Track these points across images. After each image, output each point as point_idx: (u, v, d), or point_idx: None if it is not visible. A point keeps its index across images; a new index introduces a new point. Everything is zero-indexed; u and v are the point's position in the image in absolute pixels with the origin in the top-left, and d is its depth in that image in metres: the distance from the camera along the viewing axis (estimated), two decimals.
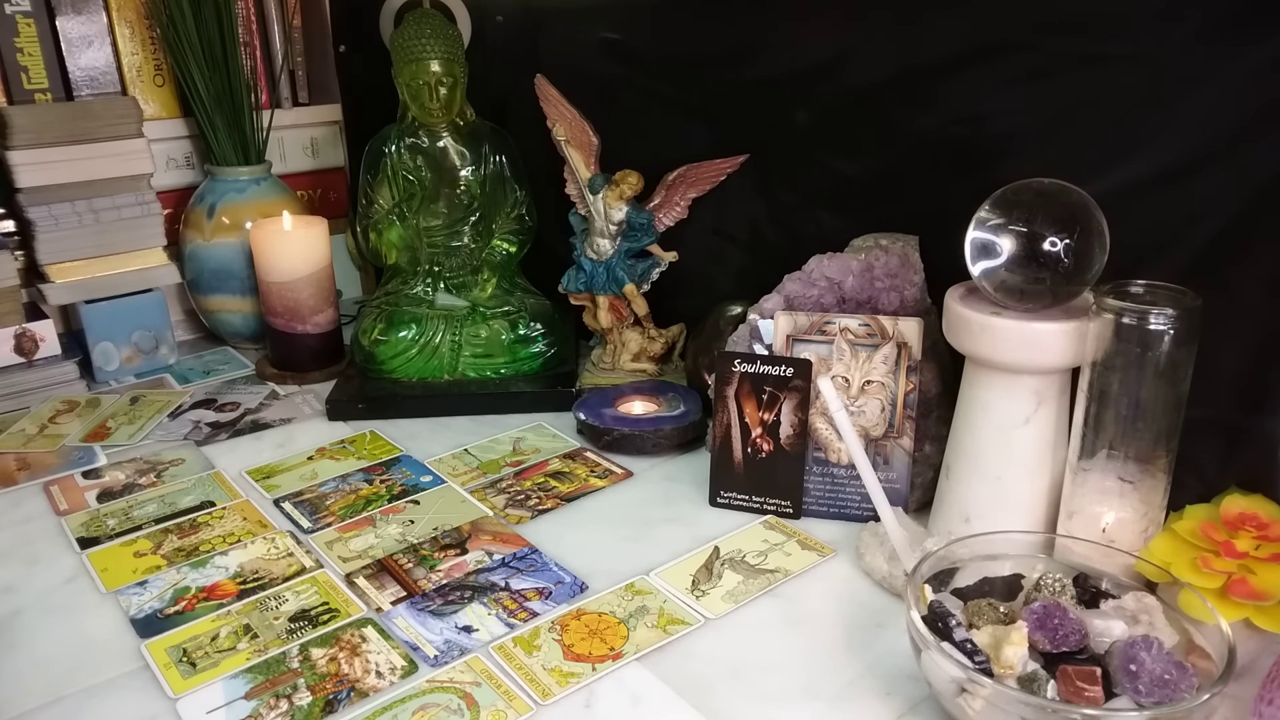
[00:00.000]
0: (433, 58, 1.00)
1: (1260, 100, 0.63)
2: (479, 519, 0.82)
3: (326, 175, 1.36)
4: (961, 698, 0.54)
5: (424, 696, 0.61)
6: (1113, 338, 0.62)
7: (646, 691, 0.62)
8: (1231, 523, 0.64)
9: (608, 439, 0.92)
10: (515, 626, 0.68)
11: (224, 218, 1.16)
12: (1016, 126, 0.76)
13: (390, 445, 0.96)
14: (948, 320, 0.71)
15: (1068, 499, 0.68)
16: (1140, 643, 0.54)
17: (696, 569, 0.74)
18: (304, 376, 1.11)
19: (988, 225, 0.68)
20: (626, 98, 1.05)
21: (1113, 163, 0.70)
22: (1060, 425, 0.70)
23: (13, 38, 1.08)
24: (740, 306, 0.94)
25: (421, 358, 1.05)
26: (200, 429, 1.00)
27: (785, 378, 0.79)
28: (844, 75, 0.87)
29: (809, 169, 0.92)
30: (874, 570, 0.72)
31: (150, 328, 1.15)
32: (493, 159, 1.07)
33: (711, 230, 1.03)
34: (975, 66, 0.77)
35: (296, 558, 0.77)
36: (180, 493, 0.87)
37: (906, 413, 0.78)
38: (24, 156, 1.05)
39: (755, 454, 0.81)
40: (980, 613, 0.59)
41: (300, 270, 1.08)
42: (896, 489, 0.79)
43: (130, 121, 1.11)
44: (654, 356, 1.07)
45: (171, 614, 0.70)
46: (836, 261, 0.83)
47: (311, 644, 0.67)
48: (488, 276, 1.07)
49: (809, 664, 0.64)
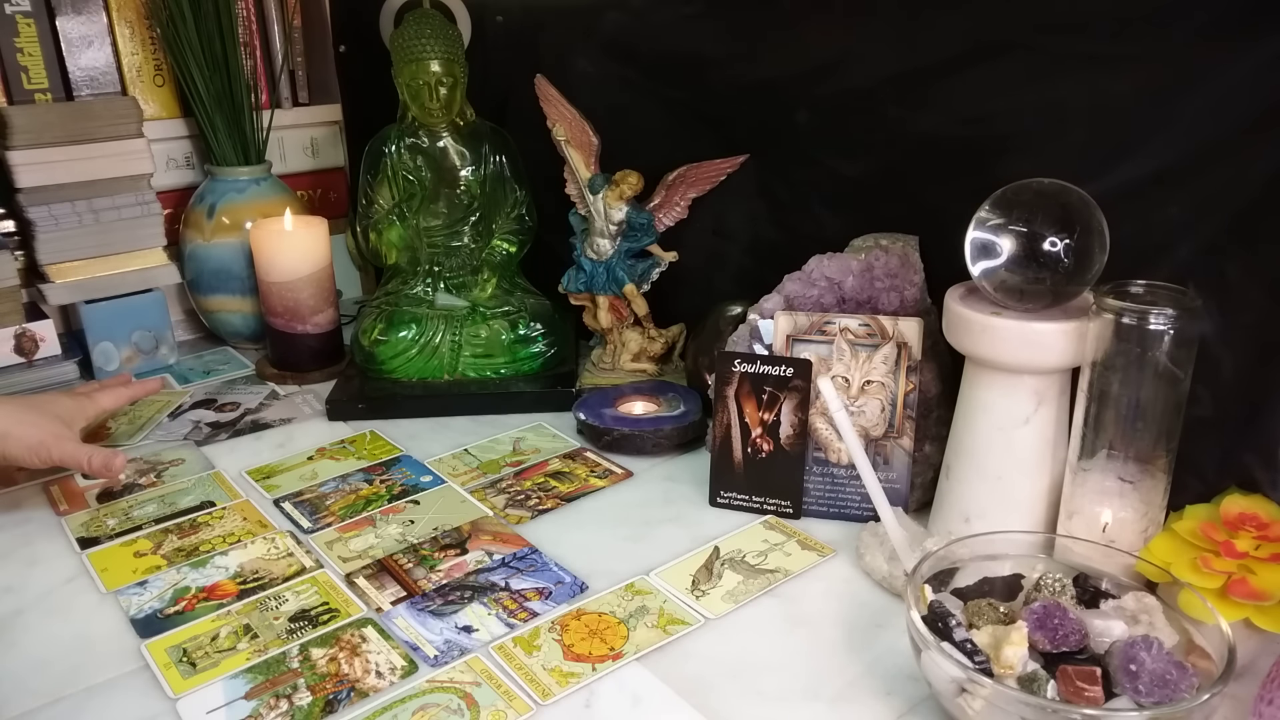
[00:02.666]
0: (433, 58, 1.00)
1: (1261, 100, 0.63)
2: (479, 519, 0.82)
3: (326, 175, 1.36)
4: (961, 698, 0.54)
5: (424, 696, 0.61)
6: (1113, 338, 0.62)
7: (646, 691, 0.62)
8: (1231, 523, 0.64)
9: (608, 439, 0.92)
10: (515, 626, 0.68)
11: (224, 218, 1.16)
12: (1016, 126, 0.76)
13: (390, 445, 0.96)
14: (948, 320, 0.71)
15: (1068, 499, 0.68)
16: (1140, 643, 0.54)
17: (696, 569, 0.74)
18: (304, 376, 1.11)
19: (988, 225, 0.68)
20: (626, 98, 1.05)
21: (1113, 163, 0.70)
22: (1060, 425, 0.70)
23: (13, 38, 1.08)
24: (740, 306, 0.94)
25: (421, 358, 1.05)
26: (200, 429, 1.00)
27: (785, 378, 0.79)
28: (844, 75, 0.87)
29: (809, 169, 0.92)
30: (874, 570, 0.72)
31: (150, 328, 1.15)
32: (493, 159, 1.07)
33: (711, 230, 1.03)
34: (975, 66, 0.77)
35: (296, 558, 0.77)
36: (180, 493, 0.87)
37: (906, 413, 0.78)
38: (24, 156, 1.05)
39: (755, 454, 0.81)
40: (980, 613, 0.59)
41: (300, 270, 1.08)
42: (896, 489, 0.79)
43: (130, 121, 1.11)
44: (654, 356, 1.07)
45: (171, 614, 0.70)
46: (836, 261, 0.83)
47: (311, 644, 0.67)
48: (488, 276, 1.07)
49: (809, 664, 0.64)
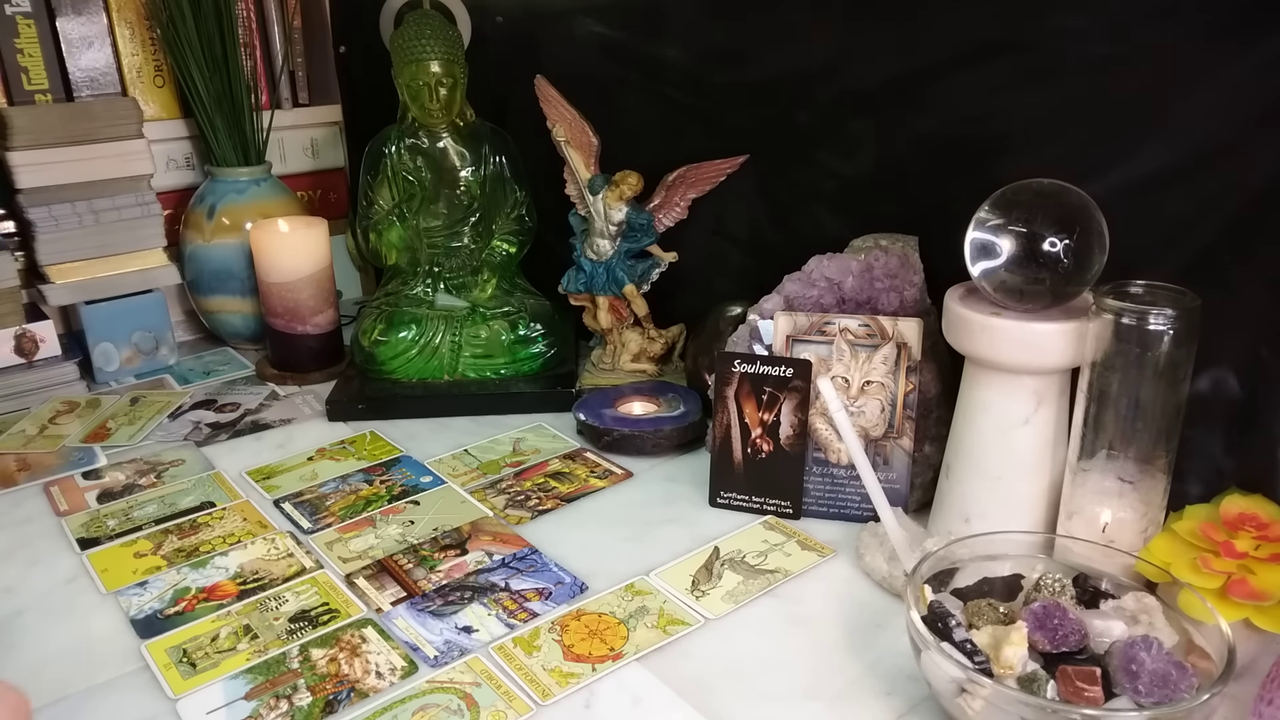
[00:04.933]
0: (433, 58, 1.00)
1: (1260, 100, 0.63)
2: (479, 519, 0.82)
3: (326, 176, 1.36)
4: (961, 698, 0.54)
5: (424, 697, 0.61)
6: (1112, 338, 0.62)
7: (646, 692, 0.62)
8: (1231, 523, 0.64)
9: (608, 439, 0.92)
10: (515, 627, 0.68)
11: (224, 218, 1.16)
12: (1016, 126, 0.76)
13: (390, 446, 0.96)
14: (948, 320, 0.71)
15: (1067, 499, 0.68)
16: (1140, 643, 0.54)
17: (696, 569, 0.74)
18: (304, 377, 1.11)
19: (987, 225, 0.68)
20: (626, 98, 1.05)
21: (1113, 163, 0.70)
22: (1060, 425, 0.70)
23: (13, 38, 1.08)
24: (740, 307, 0.94)
25: (421, 358, 1.05)
26: (200, 429, 1.00)
27: (785, 378, 0.79)
28: (844, 75, 0.87)
29: (809, 169, 0.92)
30: (874, 570, 0.72)
31: (150, 328, 1.15)
32: (493, 159, 1.07)
33: (711, 231, 1.03)
34: (975, 66, 0.77)
35: (296, 558, 0.77)
36: (180, 493, 0.87)
37: (906, 413, 0.78)
38: (24, 157, 1.05)
39: (755, 454, 0.81)
40: (980, 613, 0.59)
41: (300, 271, 1.08)
42: (896, 489, 0.79)
43: (130, 122, 1.11)
44: (654, 357, 1.07)
45: (172, 614, 0.70)
46: (836, 262, 0.83)
47: (311, 644, 0.67)
48: (488, 277, 1.07)
49: (809, 664, 0.64)
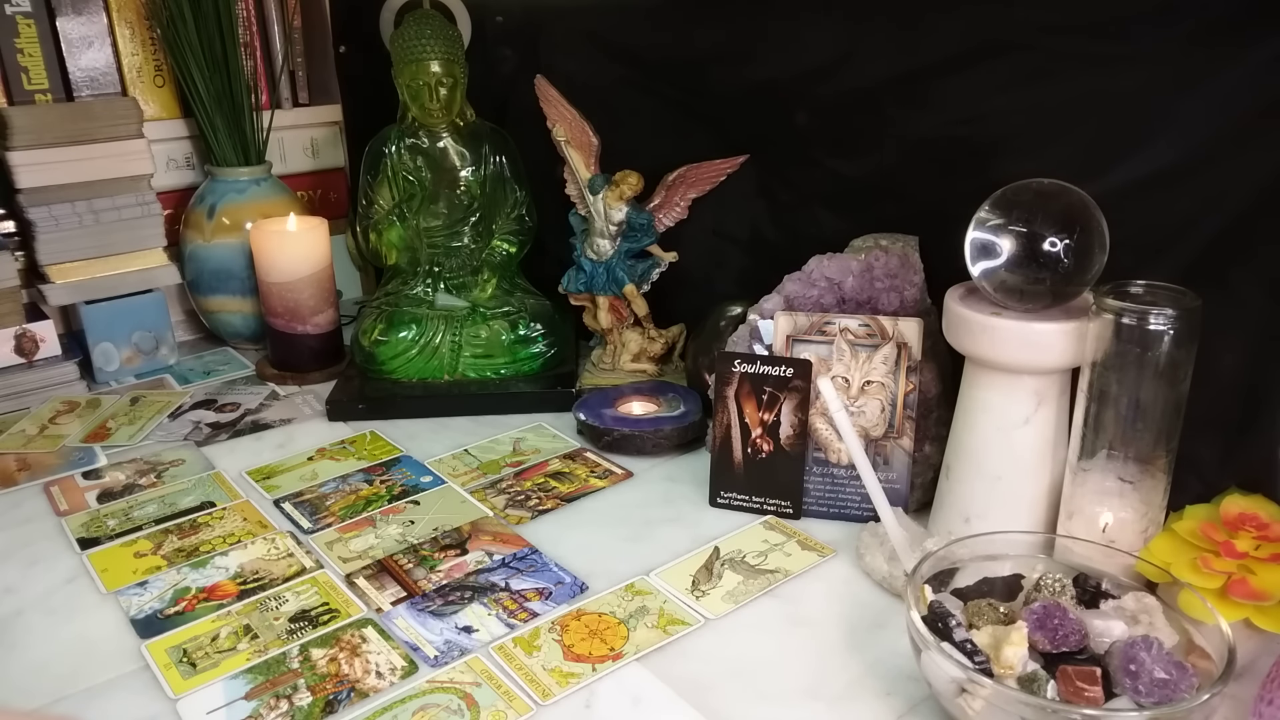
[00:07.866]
0: (433, 58, 1.00)
1: (1260, 100, 0.63)
2: (479, 519, 0.82)
3: (326, 176, 1.36)
4: (961, 698, 0.54)
5: (424, 697, 0.61)
6: (1113, 338, 0.62)
7: (647, 692, 0.62)
8: (1231, 523, 0.64)
9: (608, 439, 0.92)
10: (515, 627, 0.68)
11: (224, 218, 1.16)
12: (1016, 126, 0.76)
13: (390, 446, 0.96)
14: (948, 320, 0.71)
15: (1068, 499, 0.68)
16: (1140, 643, 0.54)
17: (696, 569, 0.74)
18: (304, 377, 1.11)
19: (987, 225, 0.68)
20: (626, 98, 1.05)
21: (1113, 163, 0.70)
22: (1060, 425, 0.70)
23: (13, 38, 1.08)
24: (740, 307, 0.94)
25: (421, 358, 1.05)
26: (200, 429, 1.00)
27: (785, 378, 0.79)
28: (844, 75, 0.87)
29: (809, 169, 0.92)
30: (874, 570, 0.72)
31: (150, 328, 1.15)
32: (493, 159, 1.07)
33: (711, 230, 1.03)
34: (975, 66, 0.77)
35: (297, 558, 0.77)
36: (180, 493, 0.87)
37: (906, 413, 0.78)
38: (24, 157, 1.05)
39: (755, 454, 0.81)
40: (980, 613, 0.59)
41: (300, 271, 1.08)
42: (896, 489, 0.79)
43: (130, 122, 1.11)
44: (654, 357, 1.07)
45: (172, 614, 0.70)
46: (836, 262, 0.83)
47: (311, 644, 0.67)
48: (488, 277, 1.07)
49: (809, 664, 0.64)
